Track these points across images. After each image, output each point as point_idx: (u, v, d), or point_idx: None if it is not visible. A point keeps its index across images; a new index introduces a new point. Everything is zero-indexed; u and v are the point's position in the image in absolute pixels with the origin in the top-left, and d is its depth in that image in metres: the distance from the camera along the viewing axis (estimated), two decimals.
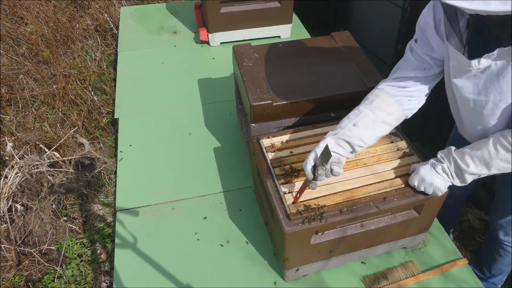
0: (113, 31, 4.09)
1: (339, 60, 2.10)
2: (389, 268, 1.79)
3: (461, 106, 1.41)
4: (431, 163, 1.44)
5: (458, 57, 1.25)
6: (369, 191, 1.53)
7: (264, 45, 2.24)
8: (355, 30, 3.50)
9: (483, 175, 1.35)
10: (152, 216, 2.07)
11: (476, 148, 1.31)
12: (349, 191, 1.53)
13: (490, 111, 1.30)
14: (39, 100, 3.25)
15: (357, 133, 1.44)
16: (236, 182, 2.23)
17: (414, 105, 1.51)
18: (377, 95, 1.48)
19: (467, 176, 1.35)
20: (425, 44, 1.39)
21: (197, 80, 3.02)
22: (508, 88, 1.20)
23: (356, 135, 1.44)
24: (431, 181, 1.43)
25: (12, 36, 3.97)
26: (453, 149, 1.38)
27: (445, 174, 1.40)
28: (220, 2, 3.11)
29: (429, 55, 1.40)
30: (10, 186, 2.45)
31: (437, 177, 1.42)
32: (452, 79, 1.34)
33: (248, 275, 1.79)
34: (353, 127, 1.44)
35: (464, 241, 2.49)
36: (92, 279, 2.18)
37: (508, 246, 1.83)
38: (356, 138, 1.44)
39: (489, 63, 1.18)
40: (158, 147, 2.47)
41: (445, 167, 1.39)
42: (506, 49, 1.11)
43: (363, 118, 1.45)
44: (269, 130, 1.94)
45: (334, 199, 1.50)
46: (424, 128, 2.86)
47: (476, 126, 1.40)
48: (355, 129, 1.44)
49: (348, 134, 1.44)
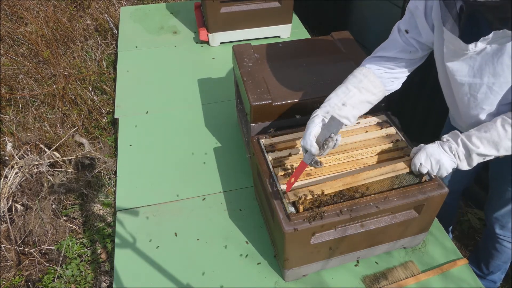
0: (113, 31, 4.09)
1: (339, 60, 2.10)
2: (389, 268, 1.79)
3: (456, 91, 1.42)
4: (438, 143, 1.42)
5: (454, 41, 1.26)
6: (370, 176, 1.50)
7: (264, 45, 2.24)
8: (355, 30, 3.49)
9: (490, 157, 1.34)
10: (152, 216, 2.07)
11: (483, 130, 1.31)
12: (349, 176, 1.51)
13: (484, 95, 1.33)
14: (39, 100, 3.25)
15: (345, 112, 1.48)
16: (236, 182, 2.23)
17: (394, 86, 1.57)
18: (365, 75, 1.50)
19: (474, 157, 1.33)
20: (414, 28, 1.43)
21: (197, 80, 3.02)
22: (501, 70, 1.23)
23: (344, 115, 1.48)
24: (439, 158, 1.38)
25: (12, 36, 3.97)
26: (458, 132, 1.38)
27: (452, 154, 1.37)
28: (220, 2, 3.11)
29: (415, 39, 1.44)
30: (10, 186, 2.45)
31: (445, 155, 1.38)
32: (446, 62, 1.36)
33: (248, 275, 1.79)
34: (342, 106, 1.48)
35: (464, 241, 2.49)
36: (92, 279, 2.18)
37: (505, 241, 1.83)
38: (343, 117, 1.49)
39: (485, 45, 1.21)
40: (158, 147, 2.47)
41: (453, 147, 1.36)
42: (501, 32, 1.14)
43: (351, 98, 1.49)
44: (269, 130, 1.94)
45: (334, 185, 1.48)
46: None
47: (471, 112, 1.42)
48: (344, 108, 1.48)
49: (338, 112, 1.48)
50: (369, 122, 1.81)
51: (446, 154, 1.38)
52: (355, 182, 1.50)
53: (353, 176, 1.51)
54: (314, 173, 1.57)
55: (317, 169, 1.59)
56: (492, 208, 1.80)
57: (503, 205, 1.72)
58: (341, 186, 1.49)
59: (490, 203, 1.81)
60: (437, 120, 2.63)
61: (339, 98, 1.50)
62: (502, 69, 1.23)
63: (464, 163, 1.38)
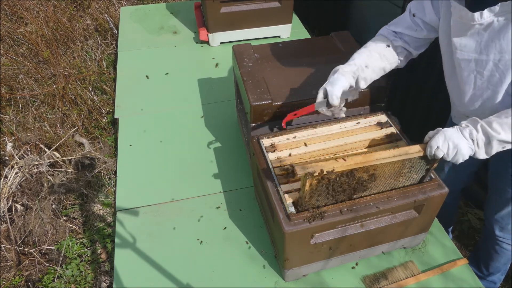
0: (113, 31, 4.09)
1: (339, 60, 2.09)
2: (389, 268, 1.79)
3: (463, 70, 1.42)
4: (457, 127, 1.36)
5: (461, 12, 1.28)
6: (383, 157, 1.42)
7: (264, 45, 2.24)
8: (355, 30, 3.50)
9: (509, 145, 1.30)
10: (152, 216, 2.07)
11: (503, 116, 1.29)
12: (362, 156, 1.43)
13: (489, 72, 1.34)
14: (39, 100, 3.25)
15: (365, 74, 1.56)
16: (236, 182, 2.23)
17: (402, 62, 1.65)
18: (385, 43, 1.60)
19: (494, 145, 1.29)
20: (420, 10, 1.52)
21: (197, 80, 3.02)
22: (506, 46, 1.24)
23: (364, 76, 1.55)
24: (457, 142, 1.31)
25: (12, 36, 3.97)
26: (478, 119, 1.34)
27: (472, 140, 1.32)
28: (220, 2, 3.11)
29: (421, 18, 1.52)
30: (10, 186, 2.45)
31: (463, 141, 1.32)
32: (453, 38, 1.38)
33: (248, 275, 1.79)
34: (365, 68, 1.55)
35: (464, 241, 2.49)
36: (92, 279, 2.18)
37: (505, 243, 1.83)
38: (363, 78, 1.55)
39: (491, 18, 1.22)
40: (158, 147, 2.47)
41: (473, 133, 1.31)
42: (507, 4, 1.15)
43: (373, 62, 1.57)
44: (269, 130, 1.94)
45: (345, 163, 1.41)
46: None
47: (477, 93, 1.43)
48: (366, 70, 1.55)
49: (360, 73, 1.54)
50: (369, 122, 1.80)
51: (464, 140, 1.32)
52: (367, 162, 1.41)
53: (365, 155, 1.43)
54: None
55: None
56: (491, 210, 1.80)
57: (503, 206, 1.72)
58: (353, 165, 1.41)
59: (490, 205, 1.81)
60: (437, 120, 2.63)
61: (363, 59, 1.55)
62: (508, 45, 1.23)
63: (482, 151, 1.32)
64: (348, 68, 1.53)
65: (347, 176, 1.44)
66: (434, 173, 1.58)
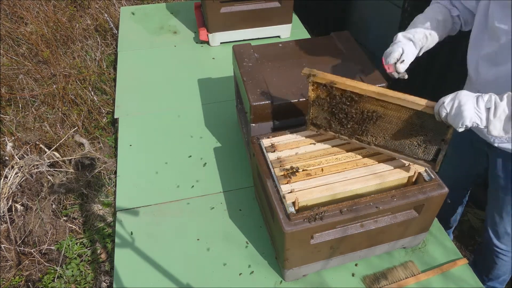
0: (113, 31, 4.09)
1: (339, 60, 2.10)
2: (389, 268, 1.79)
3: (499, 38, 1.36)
4: (475, 94, 1.23)
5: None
6: (390, 94, 1.39)
7: (264, 45, 2.24)
8: (355, 30, 3.50)
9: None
10: (152, 216, 2.07)
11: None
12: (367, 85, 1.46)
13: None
14: (39, 100, 3.25)
15: (428, 43, 1.59)
16: (236, 182, 2.23)
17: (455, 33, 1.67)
18: (449, 12, 1.60)
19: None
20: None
21: (197, 80, 3.02)
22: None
23: (427, 45, 1.59)
24: (464, 102, 1.19)
25: (12, 36, 3.97)
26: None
27: (486, 109, 1.18)
28: (220, 2, 3.11)
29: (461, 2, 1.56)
30: (10, 186, 2.45)
31: (472, 105, 1.19)
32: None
33: (248, 275, 1.79)
34: (429, 36, 1.57)
35: (464, 241, 2.49)
36: (92, 279, 2.18)
37: (503, 254, 1.83)
38: (426, 47, 1.59)
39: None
40: (158, 147, 2.47)
41: (494, 101, 1.17)
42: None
43: (433, 30, 1.57)
44: (269, 130, 1.94)
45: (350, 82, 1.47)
46: None
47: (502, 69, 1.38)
48: (429, 39, 1.58)
49: (424, 42, 1.57)
50: None
51: (473, 105, 1.18)
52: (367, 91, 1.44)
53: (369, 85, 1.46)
54: (314, 173, 1.57)
55: (317, 169, 1.59)
56: (491, 221, 1.79)
57: (503, 218, 1.71)
58: (357, 88, 1.45)
59: (489, 216, 1.79)
60: None
61: (425, 27, 1.57)
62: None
63: (498, 124, 1.17)
64: (418, 36, 1.55)
65: (352, 100, 1.49)
66: (434, 173, 1.58)
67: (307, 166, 1.61)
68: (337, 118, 1.57)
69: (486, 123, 1.19)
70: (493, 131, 1.19)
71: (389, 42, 1.62)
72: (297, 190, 1.51)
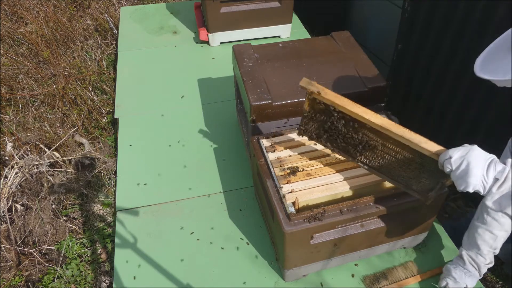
0: (113, 31, 4.09)
1: (339, 60, 2.10)
2: (389, 268, 1.79)
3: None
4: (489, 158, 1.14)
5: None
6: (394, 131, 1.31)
7: (264, 45, 2.24)
8: (355, 30, 3.49)
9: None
10: (152, 216, 2.07)
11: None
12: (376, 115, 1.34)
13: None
14: (39, 100, 3.25)
15: None
16: (236, 182, 2.23)
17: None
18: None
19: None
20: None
21: (197, 80, 3.02)
22: None
23: None
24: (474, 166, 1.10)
25: (12, 36, 3.97)
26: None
27: (494, 179, 1.11)
28: (220, 2, 3.11)
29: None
30: (10, 186, 2.45)
31: (481, 173, 1.10)
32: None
33: (248, 275, 1.79)
34: None
35: None
36: (92, 279, 2.17)
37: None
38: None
39: None
40: (158, 147, 2.47)
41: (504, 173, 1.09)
42: None
43: None
44: (269, 130, 1.94)
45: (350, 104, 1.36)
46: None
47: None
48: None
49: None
50: None
51: (482, 172, 1.07)
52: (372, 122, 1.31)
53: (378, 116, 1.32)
54: (314, 173, 1.57)
55: (317, 169, 1.59)
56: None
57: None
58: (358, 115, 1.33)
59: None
60: (437, 120, 2.63)
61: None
62: None
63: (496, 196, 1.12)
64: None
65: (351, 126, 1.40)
66: None
67: (307, 166, 1.61)
68: (331, 136, 1.50)
69: (487, 192, 1.11)
70: (488, 201, 1.14)
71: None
72: (297, 190, 1.51)
